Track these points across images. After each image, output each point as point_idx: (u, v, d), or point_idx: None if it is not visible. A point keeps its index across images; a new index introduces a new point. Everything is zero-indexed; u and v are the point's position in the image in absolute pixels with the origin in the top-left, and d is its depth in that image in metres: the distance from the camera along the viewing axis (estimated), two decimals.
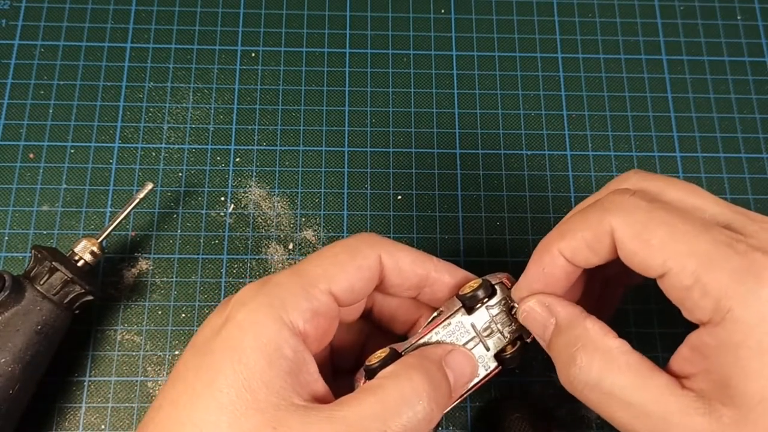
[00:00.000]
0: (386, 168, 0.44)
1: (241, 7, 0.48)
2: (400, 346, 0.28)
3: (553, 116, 0.46)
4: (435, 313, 0.29)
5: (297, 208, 0.43)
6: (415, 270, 0.28)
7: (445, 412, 0.27)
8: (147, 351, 0.39)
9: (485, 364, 0.28)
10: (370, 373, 0.26)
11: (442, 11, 0.48)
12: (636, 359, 0.25)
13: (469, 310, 0.28)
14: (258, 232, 0.42)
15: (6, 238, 0.41)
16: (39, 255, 0.35)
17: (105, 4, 0.47)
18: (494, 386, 0.39)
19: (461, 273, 0.30)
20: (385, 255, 0.28)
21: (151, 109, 0.45)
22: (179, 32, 0.47)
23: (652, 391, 0.24)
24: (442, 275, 0.29)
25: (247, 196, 0.43)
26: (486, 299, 0.28)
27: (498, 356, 0.29)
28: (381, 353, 0.27)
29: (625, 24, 0.49)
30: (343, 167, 0.44)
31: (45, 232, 0.41)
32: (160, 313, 0.40)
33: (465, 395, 0.28)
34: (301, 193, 0.43)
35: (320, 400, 0.25)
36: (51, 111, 0.44)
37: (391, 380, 0.25)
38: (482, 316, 0.28)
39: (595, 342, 0.25)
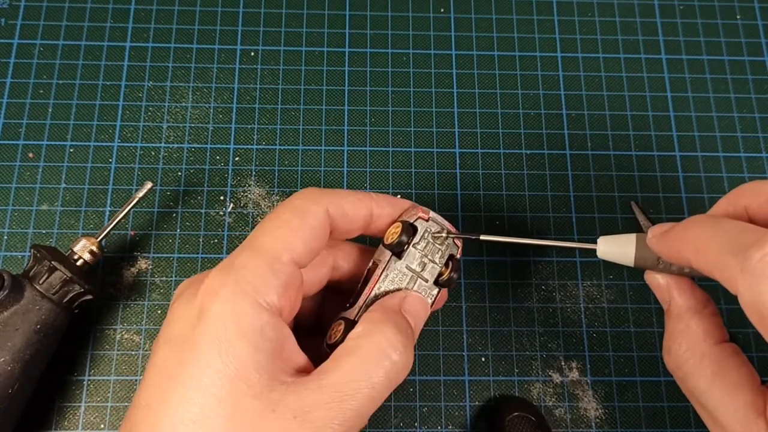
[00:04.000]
0: (386, 167, 0.44)
1: (241, 6, 0.48)
2: (350, 313, 0.29)
3: (553, 115, 0.46)
4: (370, 264, 0.31)
5: None
6: (359, 212, 0.30)
7: None
8: (146, 350, 0.39)
9: (429, 294, 0.30)
10: (334, 348, 0.27)
11: (442, 10, 0.48)
12: (725, 370, 0.26)
13: (399, 255, 0.30)
14: None
15: (5, 237, 0.41)
16: (38, 254, 0.35)
17: (104, 3, 0.47)
18: (494, 386, 0.39)
19: (399, 202, 0.31)
20: (331, 207, 0.29)
21: (150, 109, 0.44)
22: (178, 31, 0.47)
23: (728, 406, 0.26)
24: (383, 209, 0.30)
25: (246, 196, 0.43)
26: (410, 240, 0.30)
27: (437, 282, 0.30)
28: (338, 326, 0.28)
29: (624, 23, 0.49)
30: (343, 167, 0.44)
31: (44, 232, 0.41)
32: (159, 312, 0.40)
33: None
34: None
35: (303, 371, 0.26)
36: (50, 110, 0.44)
37: (365, 338, 0.26)
38: (413, 255, 0.30)
39: (692, 342, 0.28)
